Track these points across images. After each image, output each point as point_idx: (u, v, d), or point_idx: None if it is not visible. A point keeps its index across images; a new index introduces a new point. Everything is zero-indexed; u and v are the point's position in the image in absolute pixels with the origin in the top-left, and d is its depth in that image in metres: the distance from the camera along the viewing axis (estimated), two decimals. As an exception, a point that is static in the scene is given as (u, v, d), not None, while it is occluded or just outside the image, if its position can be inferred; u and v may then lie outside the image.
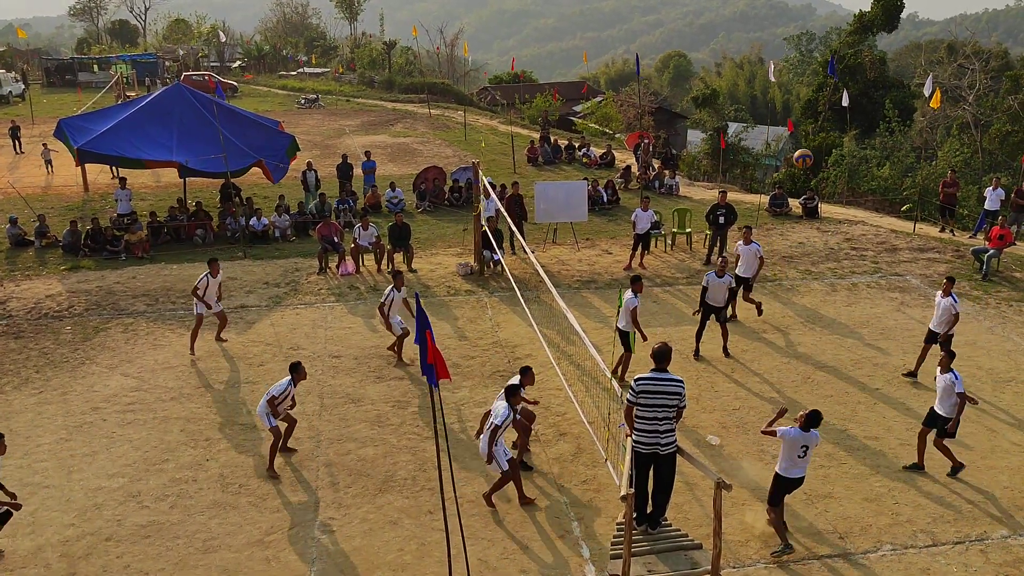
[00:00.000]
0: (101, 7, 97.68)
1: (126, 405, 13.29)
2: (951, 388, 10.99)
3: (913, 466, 11.50)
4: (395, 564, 9.60)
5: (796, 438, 9.49)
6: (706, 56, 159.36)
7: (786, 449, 9.58)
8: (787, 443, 9.55)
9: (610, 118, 48.23)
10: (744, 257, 16.41)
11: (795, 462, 9.58)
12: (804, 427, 9.48)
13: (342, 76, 68.86)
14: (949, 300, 13.86)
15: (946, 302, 13.87)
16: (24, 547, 9.90)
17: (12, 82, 54.48)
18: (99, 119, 23.78)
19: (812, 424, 9.47)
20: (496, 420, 10.55)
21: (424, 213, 25.21)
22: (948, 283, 14.15)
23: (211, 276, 15.06)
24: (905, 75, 53.21)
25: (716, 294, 14.82)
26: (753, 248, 16.35)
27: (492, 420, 10.63)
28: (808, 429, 9.48)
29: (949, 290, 13.99)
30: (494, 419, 10.60)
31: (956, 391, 10.97)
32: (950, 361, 11.21)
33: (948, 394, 11.05)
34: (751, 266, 16.38)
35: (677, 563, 8.82)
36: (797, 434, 9.48)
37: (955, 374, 11.03)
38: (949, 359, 11.23)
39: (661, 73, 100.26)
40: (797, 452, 9.53)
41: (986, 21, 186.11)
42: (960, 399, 11.00)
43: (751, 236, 16.57)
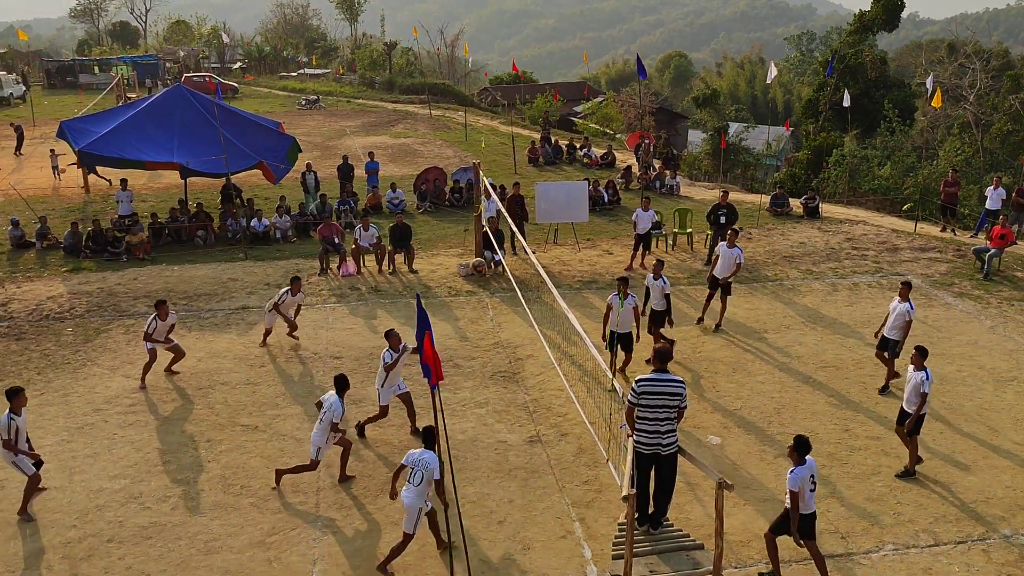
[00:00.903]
0: (102, 9, 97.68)
1: (127, 407, 13.30)
2: (918, 388, 10.91)
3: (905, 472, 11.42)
4: (397, 565, 9.59)
5: (804, 475, 8.97)
6: (707, 56, 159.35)
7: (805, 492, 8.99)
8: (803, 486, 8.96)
9: (611, 118, 48.21)
10: (723, 259, 16.10)
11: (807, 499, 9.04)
12: (800, 460, 8.97)
13: (343, 77, 68.87)
14: (906, 306, 13.29)
15: (903, 307, 13.31)
16: (26, 549, 9.90)
17: (13, 84, 54.51)
18: (100, 121, 23.79)
19: (804, 452, 8.97)
20: (331, 417, 10.69)
21: (425, 214, 25.22)
22: (904, 287, 13.50)
23: (159, 320, 13.90)
24: (906, 75, 53.17)
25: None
26: (735, 252, 16.00)
27: (323, 413, 10.77)
28: (804, 460, 8.98)
29: (907, 295, 13.40)
30: (325, 412, 10.75)
31: (922, 391, 10.87)
32: (923, 359, 11.03)
33: (915, 392, 10.99)
34: (728, 268, 16.11)
35: (679, 563, 8.82)
36: (801, 472, 8.94)
37: (927, 373, 10.93)
38: (922, 356, 11.05)
39: (662, 73, 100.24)
40: (808, 487, 9.02)
41: (987, 20, 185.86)
42: (921, 399, 10.89)
43: (735, 240, 16.26)
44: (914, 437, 11.24)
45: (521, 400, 13.50)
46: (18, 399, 10.48)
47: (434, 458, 9.32)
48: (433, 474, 9.28)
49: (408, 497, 9.31)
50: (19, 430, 10.45)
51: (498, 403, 13.39)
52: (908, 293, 13.46)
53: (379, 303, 17.76)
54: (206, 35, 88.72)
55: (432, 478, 9.29)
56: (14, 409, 10.42)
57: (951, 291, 18.51)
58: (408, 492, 9.32)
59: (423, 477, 9.26)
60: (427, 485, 9.31)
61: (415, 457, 9.38)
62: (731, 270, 16.10)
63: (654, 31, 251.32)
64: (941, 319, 16.88)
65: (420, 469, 9.27)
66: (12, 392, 10.49)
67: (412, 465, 9.35)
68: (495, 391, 13.81)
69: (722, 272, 16.17)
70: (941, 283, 19.02)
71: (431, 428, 9.42)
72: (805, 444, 8.99)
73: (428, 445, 9.39)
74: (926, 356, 11.13)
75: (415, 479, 9.28)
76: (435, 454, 9.34)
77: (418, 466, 9.29)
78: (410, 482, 9.33)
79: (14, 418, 10.38)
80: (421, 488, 9.27)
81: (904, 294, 13.43)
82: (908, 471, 11.29)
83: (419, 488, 9.26)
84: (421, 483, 9.26)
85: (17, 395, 10.49)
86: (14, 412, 10.41)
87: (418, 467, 9.29)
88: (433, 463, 9.29)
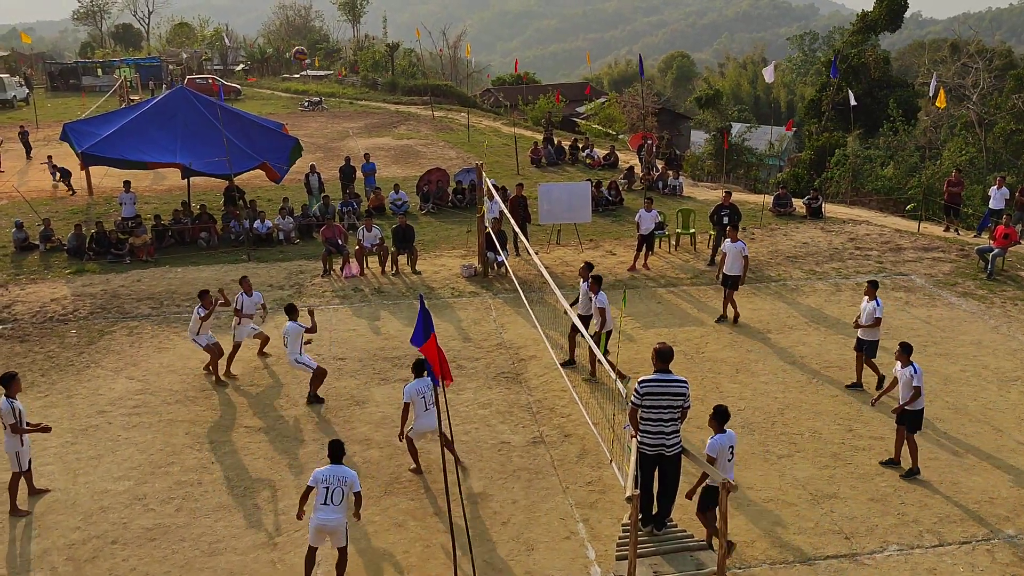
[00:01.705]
0: (105, 11, 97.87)
1: (131, 408, 13.32)
2: (910, 382, 10.96)
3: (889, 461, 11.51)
4: (401, 566, 9.60)
5: (723, 443, 9.22)
6: (709, 56, 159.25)
7: (723, 460, 9.23)
8: (719, 455, 9.21)
9: (613, 119, 48.24)
10: (729, 255, 16.36)
11: (726, 467, 9.25)
12: (720, 429, 9.26)
13: (345, 79, 68.96)
14: (873, 304, 13.36)
15: (870, 306, 13.39)
16: (30, 550, 9.92)
17: (16, 86, 54.63)
18: (103, 123, 23.85)
19: (723, 421, 9.28)
20: None
21: (428, 215, 25.23)
22: (870, 287, 13.53)
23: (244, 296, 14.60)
24: (908, 74, 53.13)
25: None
26: (738, 246, 16.27)
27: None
28: (723, 429, 9.26)
29: (873, 294, 13.44)
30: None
31: (914, 384, 10.91)
32: (908, 355, 11.05)
33: (907, 388, 11.01)
34: (736, 264, 16.30)
35: (683, 564, 8.81)
36: (720, 440, 9.21)
37: (915, 367, 10.97)
38: (906, 352, 11.06)
39: (664, 74, 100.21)
40: (727, 457, 9.26)
41: (989, 20, 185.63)
42: (915, 392, 10.93)
43: (736, 235, 16.54)
44: (911, 436, 11.20)
45: (524, 401, 13.50)
46: (14, 384, 10.58)
47: (351, 472, 8.98)
48: (354, 487, 8.92)
49: (335, 518, 8.84)
50: (21, 413, 10.57)
51: (501, 404, 13.39)
52: (875, 292, 13.50)
53: (382, 304, 17.77)
54: (209, 37, 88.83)
55: (353, 491, 8.94)
56: (11, 394, 10.50)
57: (955, 291, 18.48)
58: (332, 513, 8.83)
59: (343, 494, 8.85)
60: (347, 501, 8.92)
61: (325, 474, 8.90)
62: (739, 265, 16.27)
63: (656, 32, 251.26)
64: (945, 319, 16.86)
65: (338, 486, 8.82)
66: (8, 378, 10.57)
67: (326, 484, 8.84)
68: (498, 392, 13.81)
69: (730, 268, 16.35)
70: (944, 283, 18.99)
71: (337, 442, 9.17)
72: (724, 413, 9.41)
73: (336, 459, 9.03)
74: (910, 352, 11.14)
75: (335, 498, 8.81)
76: (347, 467, 9.02)
77: (335, 484, 8.83)
78: (331, 502, 8.81)
79: (13, 401, 10.48)
80: (343, 505, 8.86)
81: (870, 293, 13.50)
82: (913, 471, 11.27)
83: (341, 506, 8.86)
84: (343, 500, 8.86)
85: (12, 380, 10.59)
86: (11, 397, 10.50)
87: (335, 484, 8.82)
88: (351, 476, 8.93)
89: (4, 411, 10.40)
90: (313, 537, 9.07)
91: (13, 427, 10.46)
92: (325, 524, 8.89)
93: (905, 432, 11.24)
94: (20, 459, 10.63)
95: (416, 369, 11.23)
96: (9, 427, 10.47)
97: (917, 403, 11.05)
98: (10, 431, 10.50)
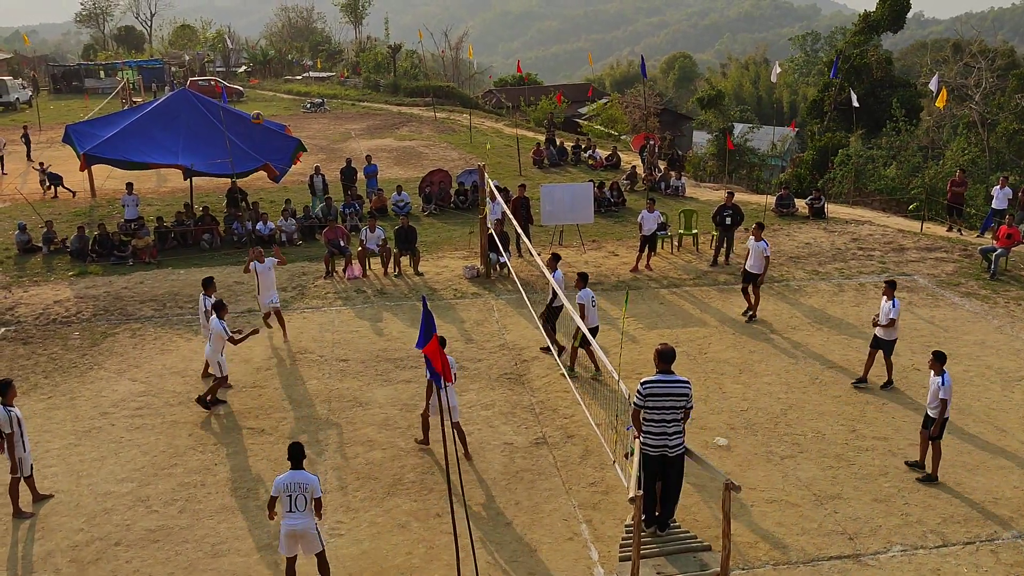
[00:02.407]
0: (107, 13, 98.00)
1: (134, 410, 13.33)
2: (936, 393, 10.91)
3: (914, 464, 11.48)
4: (403, 567, 9.60)
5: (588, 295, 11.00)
6: (711, 57, 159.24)
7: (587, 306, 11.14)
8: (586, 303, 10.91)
9: (615, 120, 48.22)
10: (752, 253, 16.57)
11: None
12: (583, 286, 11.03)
13: (347, 80, 69.00)
14: (890, 304, 13.51)
15: (886, 306, 13.55)
16: (34, 552, 9.93)
17: (19, 88, 54.73)
18: (106, 124, 23.90)
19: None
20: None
21: (430, 216, 25.23)
22: (888, 287, 13.70)
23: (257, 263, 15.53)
24: (911, 74, 53.06)
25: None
26: (761, 246, 16.44)
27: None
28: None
29: (891, 294, 13.61)
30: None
31: (940, 396, 10.85)
32: (940, 363, 10.97)
33: (934, 397, 10.99)
34: (758, 262, 16.49)
35: (686, 565, 8.80)
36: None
37: (944, 378, 10.87)
38: (939, 361, 10.98)
39: (666, 74, 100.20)
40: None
41: (991, 20, 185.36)
42: (941, 404, 10.87)
43: (760, 234, 16.66)
44: (936, 442, 11.15)
45: (527, 402, 13.49)
46: (10, 391, 10.52)
47: (310, 476, 8.88)
48: (314, 493, 8.81)
49: (301, 523, 8.79)
50: (20, 421, 10.53)
51: (504, 405, 13.39)
52: (892, 292, 13.62)
53: (385, 305, 17.78)
54: (211, 39, 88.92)
55: (315, 497, 8.82)
56: (7, 402, 10.45)
57: (958, 291, 18.46)
58: (298, 519, 8.78)
59: (306, 500, 8.80)
60: (311, 505, 8.84)
61: (286, 482, 8.84)
62: (760, 263, 16.48)
63: (658, 32, 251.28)
64: (948, 319, 16.83)
65: (300, 493, 8.78)
66: (3, 386, 10.51)
67: (288, 492, 8.79)
68: (501, 393, 13.81)
69: (752, 266, 16.61)
70: (948, 283, 18.97)
71: (298, 444, 9.08)
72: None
73: (296, 464, 8.94)
74: (943, 361, 11.01)
75: (299, 504, 8.77)
76: (308, 471, 8.97)
77: (296, 491, 8.78)
78: (296, 509, 8.77)
79: (12, 409, 10.44)
80: (309, 510, 8.82)
81: (888, 292, 13.63)
82: (931, 476, 11.20)
83: (307, 510, 8.81)
84: (307, 506, 8.81)
85: (8, 388, 10.52)
86: (8, 405, 10.45)
87: (296, 492, 8.78)
88: (312, 482, 8.83)
89: (2, 420, 10.33)
90: (285, 546, 8.94)
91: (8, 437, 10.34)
92: (294, 529, 8.81)
93: (928, 437, 11.19)
94: (22, 465, 10.59)
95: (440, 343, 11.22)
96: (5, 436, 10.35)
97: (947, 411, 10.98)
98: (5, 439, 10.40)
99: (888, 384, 13.85)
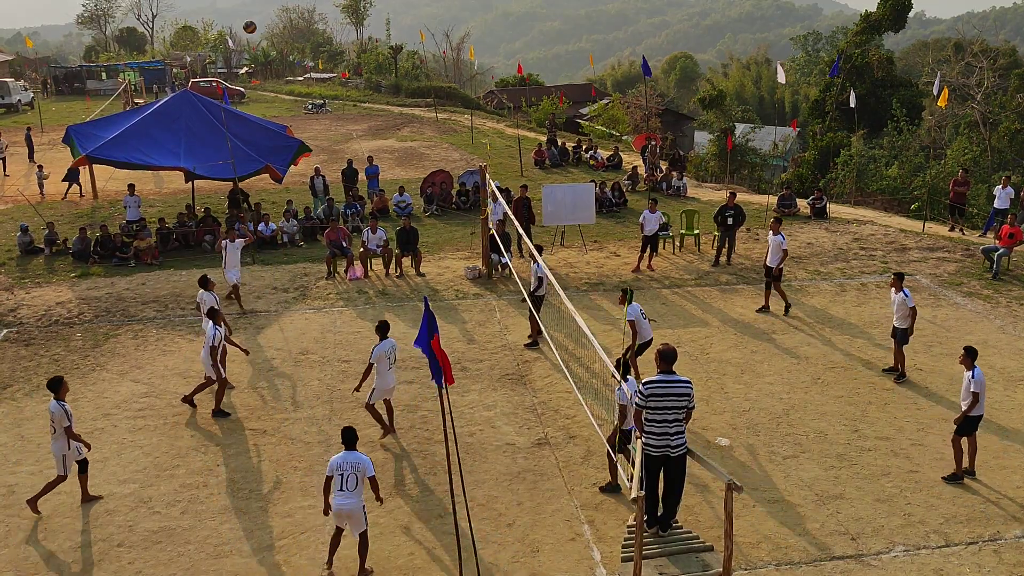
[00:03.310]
0: (109, 15, 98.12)
1: (136, 411, 13.33)
2: (967, 388, 11.02)
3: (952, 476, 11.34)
4: (406, 568, 9.60)
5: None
6: (712, 57, 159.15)
7: None
8: None
9: (617, 120, 48.18)
10: (771, 247, 16.87)
11: None
12: None
13: (349, 81, 69.04)
14: (901, 295, 13.81)
15: (898, 298, 13.85)
16: (36, 553, 9.94)
17: (21, 90, 54.81)
18: (107, 126, 23.90)
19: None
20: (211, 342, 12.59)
21: (432, 217, 25.24)
22: (896, 279, 14.02)
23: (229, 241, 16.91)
24: (912, 74, 53.05)
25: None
26: (778, 239, 16.70)
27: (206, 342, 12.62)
28: None
29: (899, 285, 13.89)
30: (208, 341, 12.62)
31: (972, 390, 10.95)
32: (972, 359, 11.06)
33: (966, 392, 11.10)
34: (776, 256, 16.73)
35: (688, 565, 8.81)
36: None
37: (975, 372, 10.95)
38: (970, 356, 11.07)
39: (667, 74, 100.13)
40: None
41: (993, 19, 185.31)
42: (972, 398, 10.93)
43: (778, 228, 16.93)
44: (970, 438, 11.18)
45: (529, 402, 13.49)
46: (62, 387, 10.72)
47: (363, 457, 9.31)
48: (367, 472, 9.26)
49: (350, 503, 9.21)
50: (70, 416, 10.67)
51: (506, 405, 13.39)
52: (900, 283, 13.90)
53: (386, 306, 17.78)
54: (212, 40, 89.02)
55: (367, 476, 9.28)
56: (60, 397, 10.64)
57: (960, 291, 18.44)
58: (347, 498, 9.20)
59: (357, 480, 9.21)
60: (362, 486, 9.30)
61: (339, 461, 9.26)
62: (777, 256, 16.74)
63: (659, 33, 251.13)
64: (950, 319, 16.82)
65: (351, 472, 9.19)
66: (56, 382, 10.73)
67: (340, 471, 9.21)
68: (503, 394, 13.81)
69: (771, 260, 16.92)
70: (950, 283, 18.95)
71: (351, 428, 9.46)
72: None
73: (350, 446, 9.36)
74: (975, 356, 11.11)
75: (350, 484, 9.18)
76: (360, 453, 9.36)
77: (347, 470, 9.19)
78: (346, 489, 9.19)
79: (64, 404, 10.60)
80: (359, 490, 9.24)
81: (896, 284, 13.94)
82: (957, 475, 11.19)
83: (357, 491, 9.22)
84: (357, 486, 9.22)
85: (61, 384, 10.73)
86: (61, 399, 10.62)
87: (348, 471, 9.19)
88: (364, 462, 9.26)
89: (56, 414, 10.52)
90: (336, 519, 9.44)
91: (68, 430, 10.54)
92: (341, 509, 9.25)
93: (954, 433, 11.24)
94: (66, 463, 10.71)
95: (380, 331, 12.12)
96: (64, 430, 10.55)
97: (976, 408, 11.00)
98: (62, 434, 10.59)
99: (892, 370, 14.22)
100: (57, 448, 10.67)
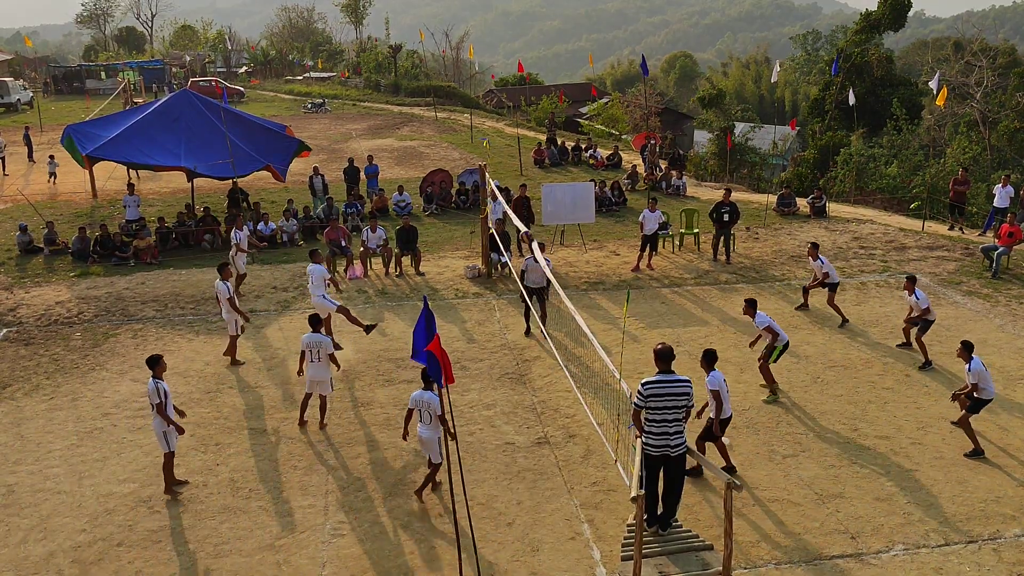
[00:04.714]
0: (108, 15, 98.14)
1: (136, 410, 13.33)
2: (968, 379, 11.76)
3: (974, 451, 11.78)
4: (405, 567, 9.60)
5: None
6: (712, 56, 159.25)
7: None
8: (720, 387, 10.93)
9: (616, 119, 48.20)
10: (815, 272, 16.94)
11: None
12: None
13: (348, 80, 69.03)
14: (913, 298, 14.54)
15: (911, 300, 14.59)
16: (36, 553, 9.93)
17: (20, 90, 54.81)
18: (107, 125, 23.89)
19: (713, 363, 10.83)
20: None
21: (431, 216, 25.24)
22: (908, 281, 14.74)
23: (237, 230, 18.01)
24: (912, 73, 53.08)
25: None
26: (816, 264, 16.69)
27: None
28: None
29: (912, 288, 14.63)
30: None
31: (970, 381, 11.68)
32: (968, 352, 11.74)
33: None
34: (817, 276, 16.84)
35: (688, 564, 8.81)
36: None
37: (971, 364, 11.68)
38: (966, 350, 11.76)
39: (667, 74, 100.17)
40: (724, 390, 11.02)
41: (993, 18, 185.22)
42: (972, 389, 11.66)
43: (817, 253, 16.74)
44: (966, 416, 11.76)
45: (529, 402, 13.49)
46: (159, 365, 10.82)
47: (433, 396, 10.39)
48: (436, 410, 10.27)
49: (425, 432, 10.55)
50: (167, 394, 10.76)
51: (506, 405, 13.39)
52: (912, 286, 14.64)
53: (386, 306, 17.78)
54: (212, 40, 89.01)
55: (436, 414, 10.28)
56: (157, 375, 10.75)
57: (959, 290, 18.44)
58: (424, 429, 10.56)
59: (431, 416, 10.41)
60: (435, 421, 10.36)
61: (417, 397, 10.57)
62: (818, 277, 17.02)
63: (659, 32, 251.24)
64: (950, 318, 16.81)
65: (425, 409, 10.47)
66: (154, 359, 10.84)
67: (418, 407, 10.55)
68: (503, 393, 13.81)
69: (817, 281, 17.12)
70: (949, 282, 18.95)
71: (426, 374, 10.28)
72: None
73: (427, 386, 10.53)
74: (971, 349, 11.81)
75: (425, 418, 10.51)
76: (431, 392, 10.44)
77: (422, 407, 10.49)
78: (422, 421, 10.55)
79: (159, 382, 10.69)
80: (434, 423, 10.40)
81: (908, 287, 14.68)
82: (977, 450, 11.71)
83: (432, 424, 10.43)
84: (432, 420, 10.41)
85: (158, 362, 10.84)
86: (158, 377, 10.74)
87: (422, 407, 10.50)
88: (434, 400, 10.32)
89: (150, 391, 10.65)
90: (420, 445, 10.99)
91: (158, 407, 10.63)
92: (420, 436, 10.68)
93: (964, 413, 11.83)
94: (168, 439, 10.81)
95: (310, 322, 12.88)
96: (155, 407, 10.65)
97: (984, 393, 11.64)
98: (156, 411, 10.68)
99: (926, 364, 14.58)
100: (157, 425, 10.79)
